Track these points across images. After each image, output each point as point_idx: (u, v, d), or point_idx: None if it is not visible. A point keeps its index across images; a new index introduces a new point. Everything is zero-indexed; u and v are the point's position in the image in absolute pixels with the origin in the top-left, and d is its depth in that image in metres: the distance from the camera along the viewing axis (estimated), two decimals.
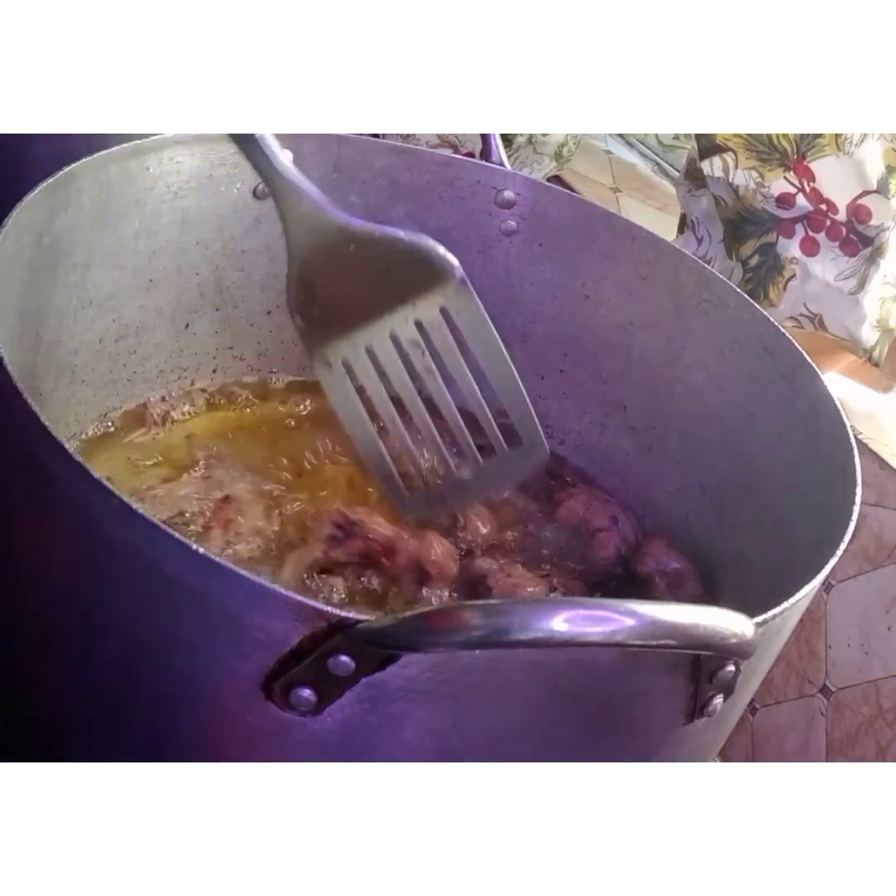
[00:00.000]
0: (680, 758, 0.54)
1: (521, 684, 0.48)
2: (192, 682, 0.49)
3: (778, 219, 0.91)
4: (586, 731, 0.51)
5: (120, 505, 0.46)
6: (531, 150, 1.11)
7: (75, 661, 0.52)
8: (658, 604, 0.44)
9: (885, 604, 0.83)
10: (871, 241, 0.89)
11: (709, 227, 0.96)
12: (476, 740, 0.49)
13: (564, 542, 0.76)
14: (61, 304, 0.66)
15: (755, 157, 0.90)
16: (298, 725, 0.47)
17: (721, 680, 0.50)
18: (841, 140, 0.87)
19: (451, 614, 0.44)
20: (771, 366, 0.71)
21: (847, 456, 0.62)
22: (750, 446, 0.73)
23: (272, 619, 0.45)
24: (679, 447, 0.78)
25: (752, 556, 0.71)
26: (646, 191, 1.32)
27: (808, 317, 0.92)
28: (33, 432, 0.49)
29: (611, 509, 0.77)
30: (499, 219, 0.80)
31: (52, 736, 0.55)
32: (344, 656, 0.44)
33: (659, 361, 0.79)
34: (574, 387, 0.82)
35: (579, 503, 0.78)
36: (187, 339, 0.77)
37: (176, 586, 0.47)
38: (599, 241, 0.79)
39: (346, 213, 0.63)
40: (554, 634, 0.42)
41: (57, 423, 0.61)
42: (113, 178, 0.67)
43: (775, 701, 0.91)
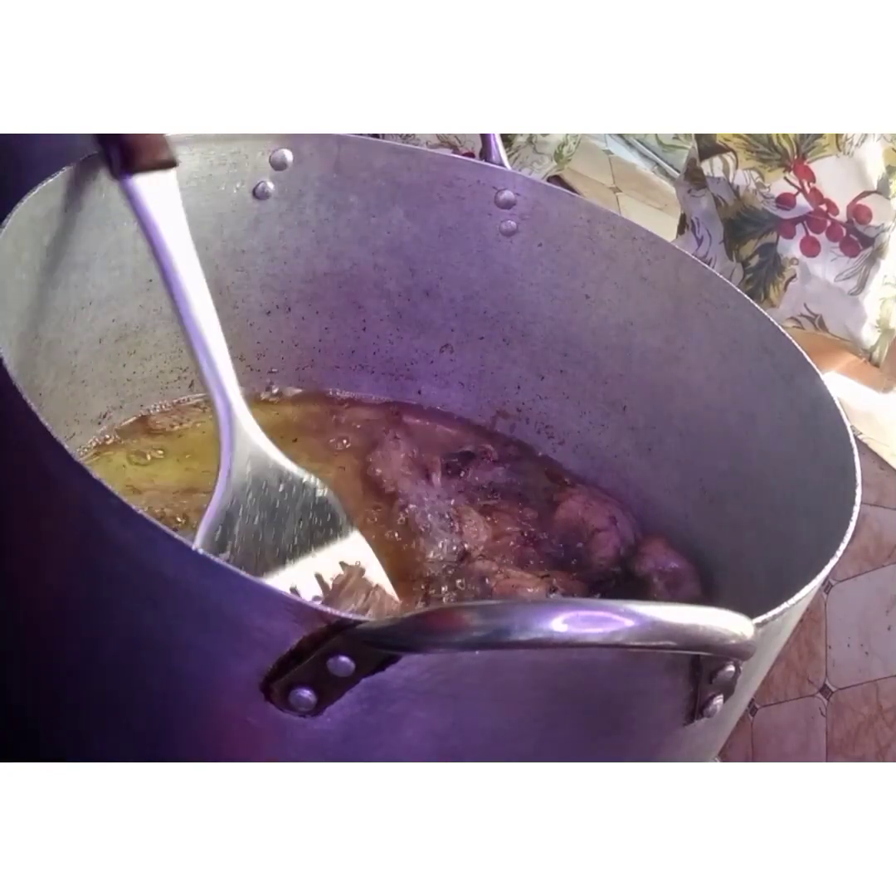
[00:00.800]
0: (680, 758, 0.54)
1: (520, 685, 0.48)
2: (192, 683, 0.49)
3: (778, 219, 0.91)
4: (586, 732, 0.51)
5: (119, 505, 0.46)
6: (531, 149, 1.11)
7: (74, 662, 0.52)
8: (658, 604, 0.44)
9: (885, 604, 0.83)
10: (872, 242, 0.89)
11: (709, 228, 0.96)
12: (476, 741, 0.49)
13: (563, 543, 0.76)
14: (61, 304, 0.66)
15: (755, 158, 0.90)
16: (298, 726, 0.47)
17: (721, 680, 0.50)
18: (841, 140, 0.87)
19: (450, 615, 0.44)
20: (771, 366, 0.71)
21: (847, 456, 0.62)
22: (750, 446, 0.73)
23: (272, 619, 0.45)
24: (679, 447, 0.78)
25: (752, 556, 0.71)
26: (646, 191, 1.32)
27: (808, 317, 0.91)
28: (33, 432, 0.49)
29: (609, 509, 0.77)
30: (499, 219, 0.80)
31: (52, 736, 0.55)
32: (343, 657, 0.44)
33: (659, 361, 0.79)
34: (574, 387, 0.82)
35: (578, 503, 0.78)
36: None
37: (175, 587, 0.47)
38: (599, 241, 0.79)
39: (281, 453, 0.62)
40: (553, 635, 0.42)
41: (56, 423, 0.61)
42: None
43: (775, 701, 0.91)
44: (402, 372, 0.85)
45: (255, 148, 0.74)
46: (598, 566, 0.75)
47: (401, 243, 0.80)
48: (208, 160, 0.72)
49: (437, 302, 0.83)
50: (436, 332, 0.83)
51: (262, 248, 0.77)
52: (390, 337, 0.84)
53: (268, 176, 0.75)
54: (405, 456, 0.79)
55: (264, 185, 0.75)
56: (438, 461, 0.79)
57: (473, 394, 0.85)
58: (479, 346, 0.84)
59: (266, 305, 0.80)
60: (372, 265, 0.81)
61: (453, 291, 0.82)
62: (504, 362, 0.84)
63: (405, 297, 0.82)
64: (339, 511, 0.63)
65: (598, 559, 0.75)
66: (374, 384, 0.85)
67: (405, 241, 0.78)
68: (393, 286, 0.82)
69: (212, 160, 0.72)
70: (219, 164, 0.72)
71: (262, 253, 0.78)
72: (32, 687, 0.56)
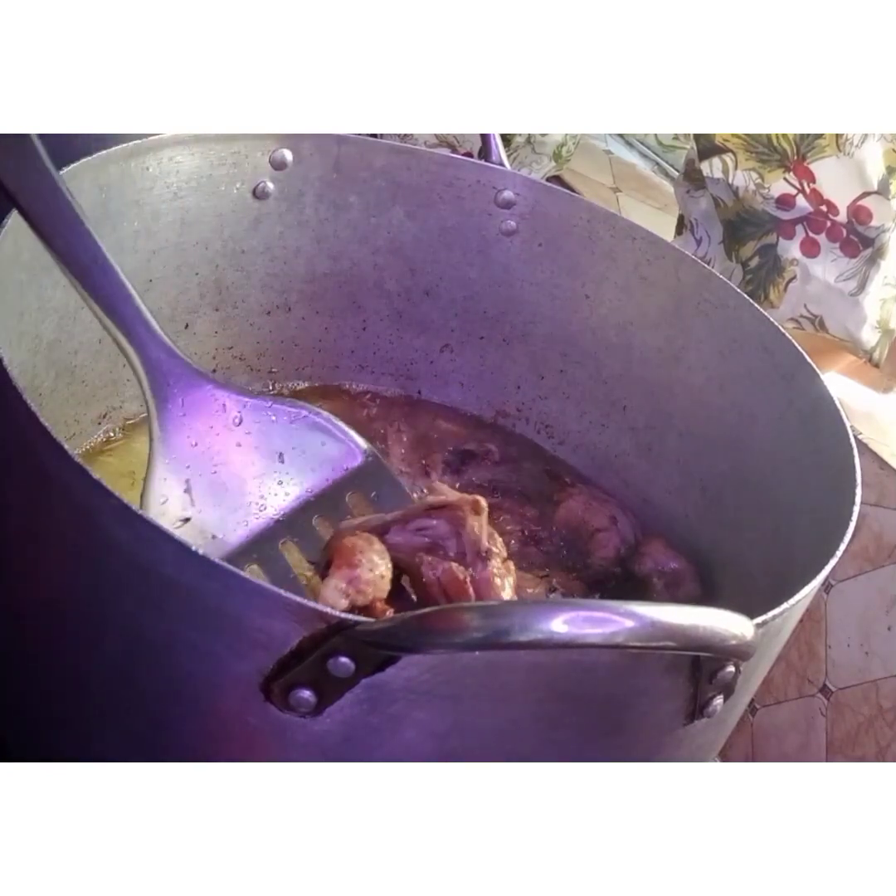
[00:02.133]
0: (680, 758, 0.54)
1: (520, 685, 0.48)
2: (192, 683, 0.49)
3: (778, 220, 0.91)
4: (586, 732, 0.51)
5: (119, 506, 0.46)
6: (529, 149, 1.11)
7: (74, 662, 0.52)
8: (658, 605, 0.44)
9: (885, 604, 0.83)
10: (872, 243, 0.89)
11: (708, 229, 0.96)
12: (476, 741, 0.49)
13: (564, 543, 0.76)
14: (61, 305, 0.66)
15: (755, 159, 0.90)
16: (298, 727, 0.47)
17: (721, 681, 0.50)
18: (841, 141, 0.87)
19: (450, 615, 0.44)
20: (771, 366, 0.71)
21: (847, 456, 0.62)
22: (750, 446, 0.73)
23: (272, 620, 0.45)
24: (679, 447, 0.78)
25: (752, 556, 0.71)
26: (646, 191, 1.32)
27: (808, 318, 0.91)
28: (32, 433, 0.49)
29: (610, 509, 0.77)
30: (499, 219, 0.80)
31: (51, 736, 0.55)
32: (343, 657, 0.44)
33: (659, 361, 0.79)
34: (574, 387, 0.82)
35: (578, 503, 0.78)
36: (187, 339, 0.77)
37: (175, 587, 0.47)
38: (599, 241, 0.79)
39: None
40: (553, 636, 0.42)
41: (56, 423, 0.61)
42: (112, 178, 0.67)
43: (775, 701, 0.91)
44: (402, 372, 0.85)
45: (254, 148, 0.74)
46: (598, 566, 0.75)
47: (401, 243, 0.80)
48: (208, 160, 0.72)
49: (437, 302, 0.83)
50: (436, 332, 0.83)
51: (261, 248, 0.77)
52: (390, 337, 0.84)
53: (268, 176, 0.75)
54: (403, 452, 0.79)
55: (264, 185, 0.75)
56: (438, 459, 0.79)
57: (473, 394, 0.85)
58: (479, 346, 0.84)
59: (266, 305, 0.80)
60: (372, 265, 0.81)
61: (453, 291, 0.82)
62: (504, 362, 0.84)
63: (405, 297, 0.82)
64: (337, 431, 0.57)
65: (598, 559, 0.75)
66: (374, 384, 0.85)
67: (405, 241, 0.78)
68: (393, 286, 0.82)
69: (212, 160, 0.72)
70: (219, 164, 0.72)
71: (262, 253, 0.78)
72: (32, 687, 0.56)
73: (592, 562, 0.75)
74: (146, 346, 0.54)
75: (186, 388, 0.55)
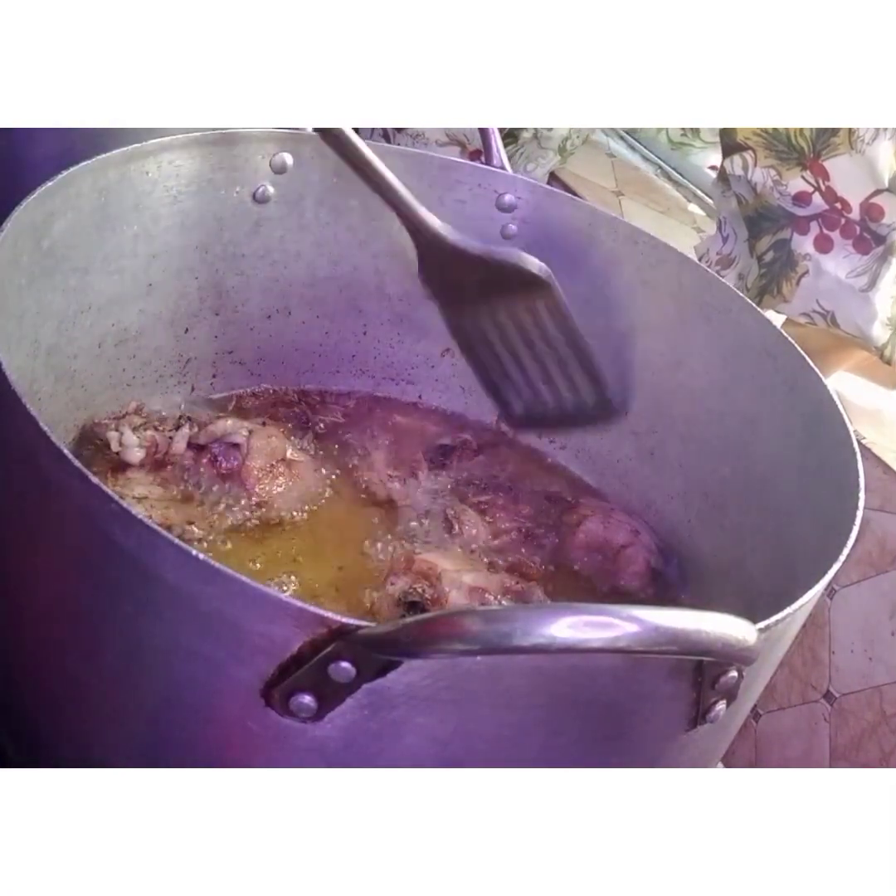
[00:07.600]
0: (682, 764, 0.54)
1: (522, 690, 0.47)
2: (193, 689, 0.49)
3: (793, 216, 0.91)
4: (588, 737, 0.51)
5: (120, 511, 0.46)
6: (536, 144, 1.11)
7: (75, 668, 0.52)
8: (660, 610, 0.44)
9: (888, 609, 0.83)
10: (884, 240, 0.89)
11: (734, 227, 0.97)
12: (478, 746, 0.48)
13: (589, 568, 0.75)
14: (60, 309, 0.66)
15: (774, 156, 0.90)
16: (299, 732, 0.46)
17: (723, 686, 0.50)
18: (854, 138, 0.87)
19: (452, 620, 0.43)
20: (773, 370, 0.71)
21: (850, 460, 0.62)
22: (752, 451, 0.73)
23: (272, 625, 0.45)
24: (681, 452, 0.78)
25: (755, 561, 0.71)
26: (648, 194, 1.31)
27: (820, 313, 0.92)
28: (32, 437, 0.48)
29: (629, 522, 0.76)
30: (500, 222, 0.80)
31: (52, 742, 0.55)
32: (344, 662, 0.44)
33: (661, 366, 0.78)
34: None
35: (596, 523, 0.76)
36: (187, 344, 0.77)
37: (176, 592, 0.46)
38: (601, 245, 0.79)
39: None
40: (556, 640, 0.42)
41: (56, 427, 0.61)
42: (112, 181, 0.66)
43: (778, 707, 0.91)
44: (402, 377, 0.85)
45: (255, 151, 0.73)
46: (628, 582, 0.74)
47: (401, 247, 0.80)
48: (208, 164, 0.72)
49: None
50: (437, 336, 0.83)
51: (262, 251, 0.77)
52: (391, 341, 0.84)
53: (268, 180, 0.75)
54: (386, 456, 0.78)
55: (264, 189, 0.75)
56: (421, 458, 0.79)
57: (474, 398, 0.84)
58: None
59: (266, 309, 0.80)
60: (373, 269, 0.81)
61: None
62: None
63: (406, 302, 0.82)
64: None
65: (629, 575, 0.74)
66: (375, 389, 0.85)
67: (406, 244, 0.78)
68: (394, 290, 0.82)
69: (211, 164, 0.72)
70: (219, 168, 0.72)
71: (263, 257, 0.77)
72: (33, 692, 0.55)
73: (623, 580, 0.74)
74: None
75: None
